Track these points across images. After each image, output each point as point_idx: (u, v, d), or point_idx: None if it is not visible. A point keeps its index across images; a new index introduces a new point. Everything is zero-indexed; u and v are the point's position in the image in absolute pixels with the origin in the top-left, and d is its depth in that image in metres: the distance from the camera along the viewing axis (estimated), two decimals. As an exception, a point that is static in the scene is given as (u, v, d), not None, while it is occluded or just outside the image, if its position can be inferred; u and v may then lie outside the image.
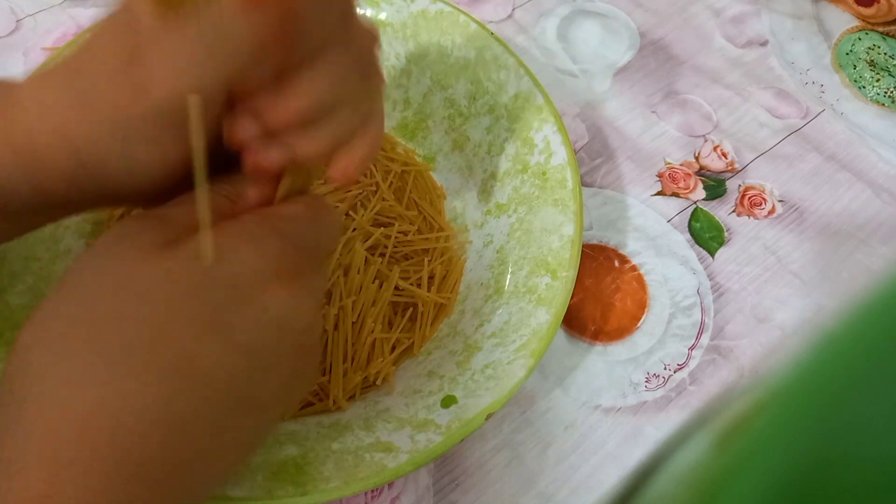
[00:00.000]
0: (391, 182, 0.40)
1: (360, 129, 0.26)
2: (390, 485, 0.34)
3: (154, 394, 0.20)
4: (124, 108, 0.23)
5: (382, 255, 0.38)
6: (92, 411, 0.20)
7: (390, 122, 0.43)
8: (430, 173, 0.42)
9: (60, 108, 0.23)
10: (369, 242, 0.38)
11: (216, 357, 0.21)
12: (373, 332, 0.35)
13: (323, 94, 0.24)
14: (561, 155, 0.38)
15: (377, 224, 0.39)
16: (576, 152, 0.44)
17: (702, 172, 0.45)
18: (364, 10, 0.42)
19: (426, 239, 0.39)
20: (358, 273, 0.36)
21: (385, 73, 0.42)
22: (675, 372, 0.38)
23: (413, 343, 0.36)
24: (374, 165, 0.40)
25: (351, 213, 0.38)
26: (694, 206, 0.44)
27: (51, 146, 0.23)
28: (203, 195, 0.23)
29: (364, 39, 0.26)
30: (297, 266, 0.24)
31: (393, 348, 0.35)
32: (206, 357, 0.21)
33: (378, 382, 0.35)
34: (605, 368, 0.38)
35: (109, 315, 0.21)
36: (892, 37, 0.52)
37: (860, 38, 0.52)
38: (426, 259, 0.38)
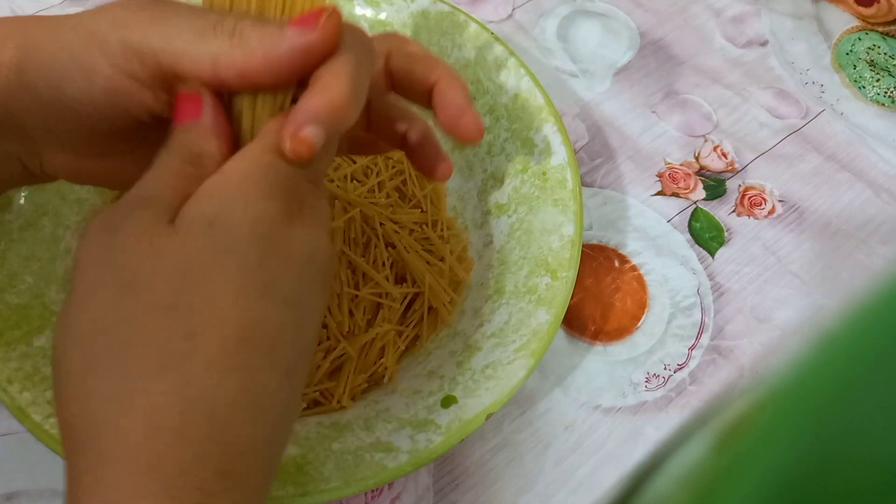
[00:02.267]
0: (392, 177, 0.40)
1: None
2: (390, 485, 0.34)
3: (233, 378, 0.19)
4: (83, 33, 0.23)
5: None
6: (166, 420, 0.19)
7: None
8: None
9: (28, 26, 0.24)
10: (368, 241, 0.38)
11: (273, 318, 0.21)
12: (382, 335, 0.35)
13: None
14: (561, 155, 0.38)
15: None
16: (576, 152, 0.44)
17: (702, 172, 0.45)
18: (364, 10, 0.42)
19: (440, 236, 0.39)
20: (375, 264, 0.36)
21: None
22: (675, 372, 0.38)
23: (416, 338, 0.36)
24: (377, 164, 0.40)
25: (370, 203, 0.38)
26: (694, 206, 0.44)
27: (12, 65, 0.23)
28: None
29: None
30: (301, 197, 0.23)
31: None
32: (261, 322, 0.20)
33: (386, 380, 0.35)
34: (605, 368, 0.38)
35: (147, 309, 0.20)
36: (892, 37, 0.52)
37: (860, 38, 0.52)
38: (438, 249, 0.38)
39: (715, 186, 0.44)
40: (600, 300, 0.40)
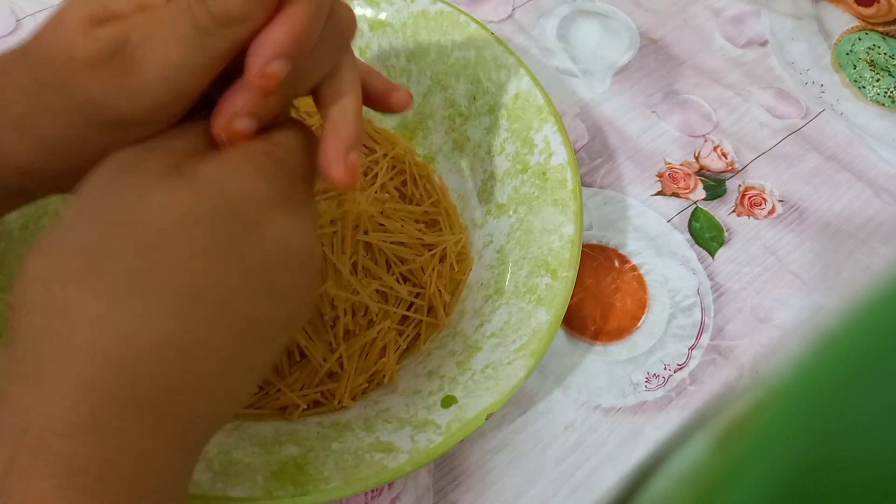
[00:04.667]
0: (392, 177, 0.40)
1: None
2: (390, 485, 0.34)
3: (171, 322, 0.21)
4: (103, 95, 0.23)
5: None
6: (110, 343, 0.20)
7: (391, 122, 0.43)
8: (431, 173, 0.42)
9: (22, 97, 0.24)
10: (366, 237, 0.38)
11: (230, 281, 0.22)
12: (383, 334, 0.35)
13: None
14: (561, 155, 0.38)
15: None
16: (576, 152, 0.44)
17: (702, 172, 0.45)
18: (364, 10, 0.42)
19: (439, 235, 0.39)
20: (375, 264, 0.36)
21: (385, 73, 0.42)
22: (675, 372, 0.38)
23: (416, 338, 0.36)
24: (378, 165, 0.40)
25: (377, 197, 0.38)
26: (694, 206, 0.44)
27: (10, 138, 0.24)
28: None
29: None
30: (293, 190, 0.24)
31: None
32: (221, 282, 0.22)
33: (386, 380, 0.35)
34: (605, 368, 0.38)
35: (123, 245, 0.21)
36: (892, 37, 0.52)
37: (860, 38, 0.52)
38: (434, 250, 0.38)
39: (715, 186, 0.44)
40: (600, 300, 0.40)
